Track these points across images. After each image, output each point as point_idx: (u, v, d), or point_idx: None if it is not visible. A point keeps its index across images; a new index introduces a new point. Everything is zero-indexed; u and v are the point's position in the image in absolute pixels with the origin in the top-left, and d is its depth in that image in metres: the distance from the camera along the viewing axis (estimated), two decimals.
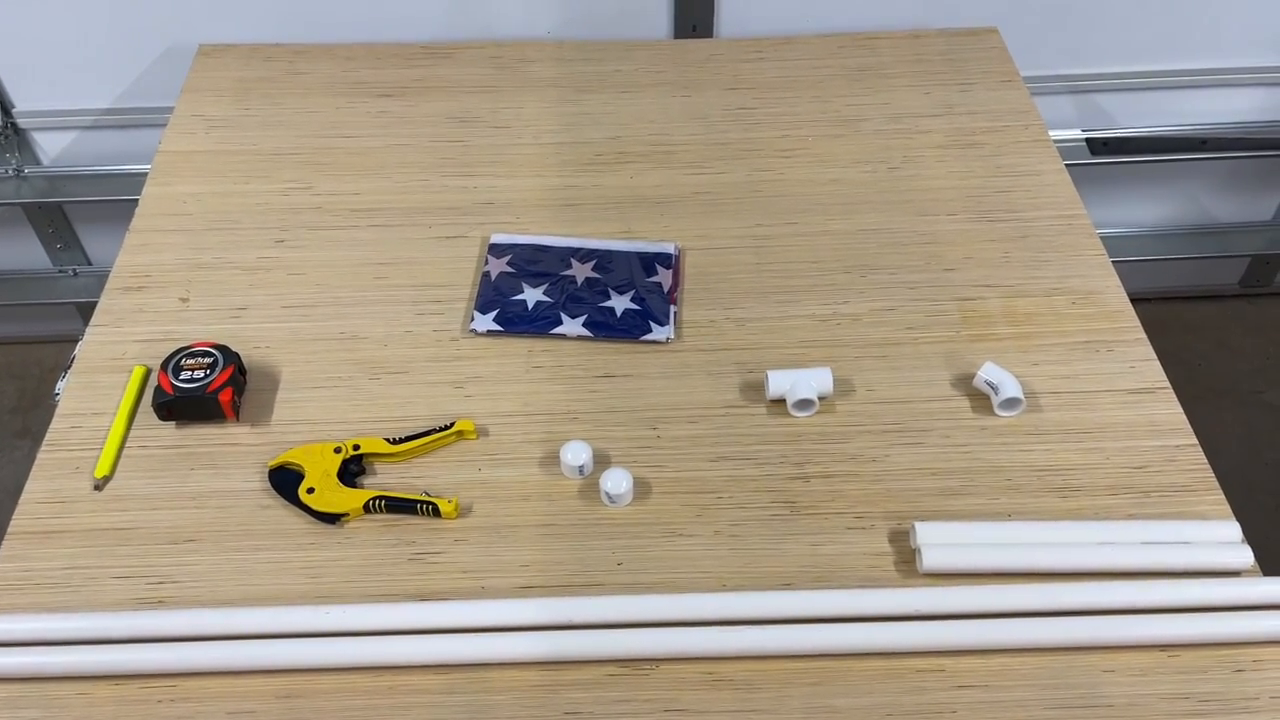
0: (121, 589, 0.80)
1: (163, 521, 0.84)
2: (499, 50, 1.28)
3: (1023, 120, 1.19)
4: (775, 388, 0.91)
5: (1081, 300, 1.00)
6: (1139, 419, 0.91)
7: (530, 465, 0.88)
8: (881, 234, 1.07)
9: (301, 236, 1.06)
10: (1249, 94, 1.53)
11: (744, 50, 1.29)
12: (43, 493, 0.86)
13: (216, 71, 1.25)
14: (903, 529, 0.84)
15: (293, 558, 0.82)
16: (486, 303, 0.99)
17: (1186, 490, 0.86)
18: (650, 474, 0.87)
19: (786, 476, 0.87)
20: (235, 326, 0.98)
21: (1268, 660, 0.76)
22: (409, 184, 1.12)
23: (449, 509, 0.84)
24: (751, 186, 1.12)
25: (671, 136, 1.17)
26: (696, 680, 0.76)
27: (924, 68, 1.26)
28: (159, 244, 1.05)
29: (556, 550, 0.83)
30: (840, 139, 1.17)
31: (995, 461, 0.88)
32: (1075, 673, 0.76)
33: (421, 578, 0.81)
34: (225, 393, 0.89)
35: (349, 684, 0.75)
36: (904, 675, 0.76)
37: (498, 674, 0.76)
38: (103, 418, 0.91)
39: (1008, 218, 1.08)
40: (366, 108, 1.20)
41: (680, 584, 0.81)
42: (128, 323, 0.98)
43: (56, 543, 0.83)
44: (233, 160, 1.14)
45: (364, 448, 0.88)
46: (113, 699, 0.74)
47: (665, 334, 0.97)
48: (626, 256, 1.04)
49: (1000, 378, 0.91)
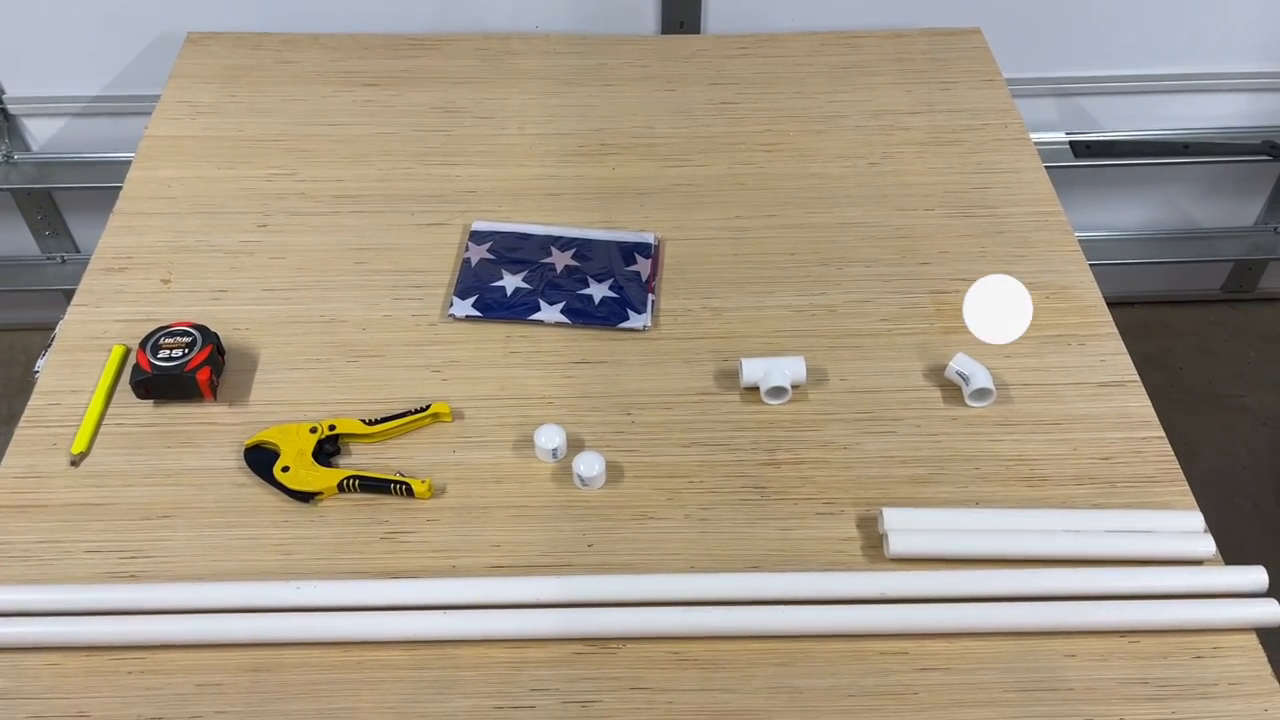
0: (94, 563, 0.81)
1: (138, 498, 0.85)
2: (486, 43, 1.29)
3: (1003, 119, 1.20)
4: (749, 375, 0.92)
5: (1055, 295, 1.01)
6: (1108, 411, 0.92)
7: (504, 448, 0.89)
8: (859, 228, 1.08)
9: (284, 221, 1.07)
10: (1232, 99, 1.55)
11: (729, 46, 1.30)
12: (19, 468, 0.87)
13: (204, 59, 1.26)
14: (871, 515, 0.85)
15: (266, 534, 0.83)
16: (466, 288, 1.00)
17: (1152, 481, 0.87)
18: (623, 458, 0.88)
19: (758, 462, 0.88)
20: (216, 308, 0.99)
21: (1227, 647, 0.77)
22: (392, 172, 1.13)
23: (422, 489, 0.85)
24: (732, 179, 1.13)
25: (655, 129, 1.18)
26: (662, 659, 0.76)
27: (906, 66, 1.27)
28: (142, 226, 1.06)
29: (528, 531, 0.83)
30: (821, 134, 1.18)
31: (965, 451, 0.89)
32: (1036, 656, 0.77)
33: (393, 556, 0.82)
34: (203, 372, 0.90)
35: (318, 658, 0.76)
36: (868, 657, 0.77)
37: (466, 651, 0.77)
38: (81, 395, 0.91)
39: (985, 214, 1.09)
40: (352, 96, 1.21)
41: (650, 566, 0.81)
42: (109, 303, 0.99)
43: (31, 517, 0.84)
44: (218, 146, 1.15)
45: (340, 428, 0.88)
46: (83, 670, 0.75)
47: (642, 322, 0.98)
48: (606, 246, 1.05)
49: (971, 369, 0.92)
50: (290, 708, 0.73)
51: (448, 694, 0.74)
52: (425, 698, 0.74)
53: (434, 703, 0.74)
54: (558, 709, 0.74)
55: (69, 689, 0.74)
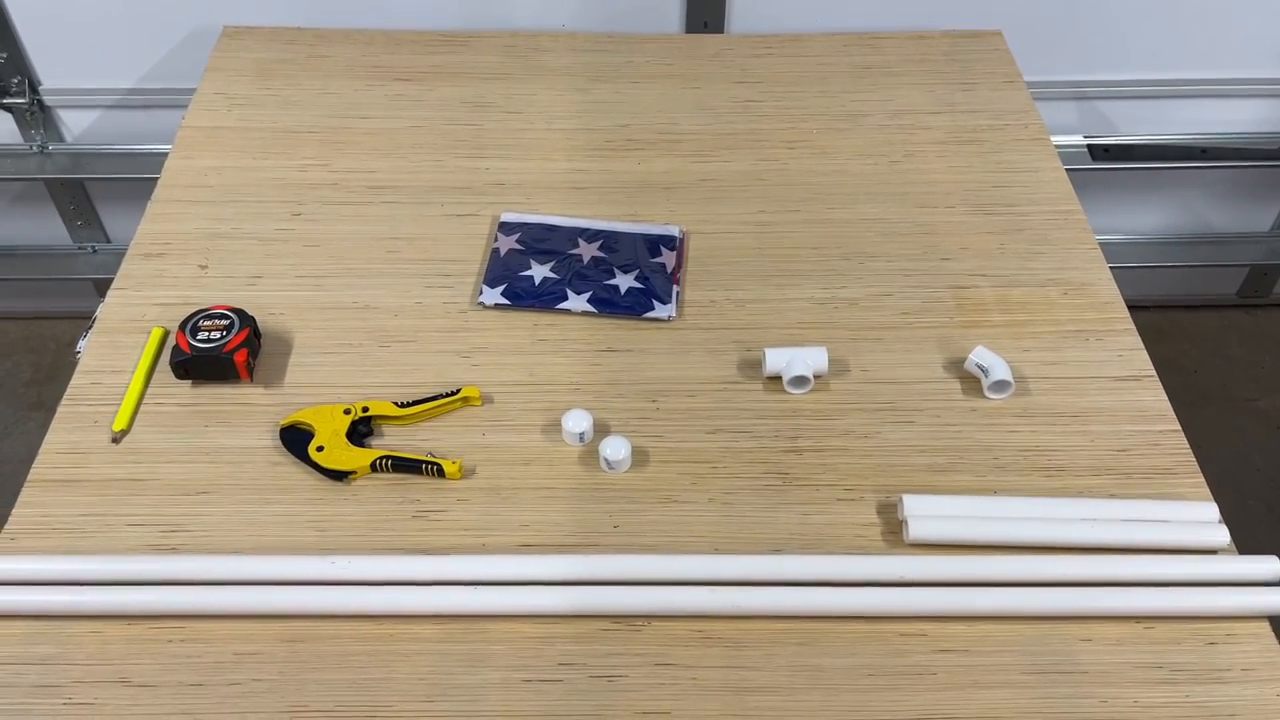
0: (135, 535, 0.83)
1: (177, 474, 0.87)
2: (514, 40, 1.32)
3: (1023, 120, 1.22)
4: (772, 364, 0.94)
5: (1074, 291, 1.03)
6: (1124, 405, 0.94)
7: (533, 432, 0.91)
8: (881, 224, 1.10)
9: (317, 211, 1.09)
10: (1249, 105, 1.56)
11: (753, 46, 1.32)
12: (62, 444, 0.89)
13: (240, 52, 1.28)
14: (891, 502, 0.86)
15: (301, 511, 0.85)
16: (495, 277, 1.02)
17: (1167, 473, 0.89)
18: (649, 444, 0.90)
19: (780, 449, 0.90)
20: (251, 293, 1.01)
21: (1240, 634, 0.79)
22: (423, 164, 1.15)
23: (453, 470, 0.87)
24: (756, 175, 1.15)
25: (679, 126, 1.21)
26: (687, 637, 0.78)
27: (928, 67, 1.29)
28: (180, 214, 1.09)
29: (555, 512, 0.86)
30: (844, 133, 1.20)
31: (983, 441, 0.91)
32: (1053, 640, 0.78)
33: (424, 534, 0.84)
34: (240, 354, 0.92)
35: (351, 630, 0.78)
36: (887, 638, 0.78)
37: (495, 625, 0.79)
38: (122, 375, 0.94)
39: (1004, 211, 1.11)
40: (384, 91, 1.24)
41: (674, 547, 0.83)
42: (148, 287, 1.02)
43: (74, 491, 0.86)
44: (253, 137, 1.17)
45: (373, 410, 0.91)
46: (124, 638, 0.77)
47: (667, 312, 1.00)
48: (632, 238, 1.07)
49: (991, 361, 0.94)
50: (325, 677, 0.76)
51: (477, 667, 0.76)
52: (456, 670, 0.76)
53: (464, 675, 0.76)
54: (584, 683, 0.76)
55: (111, 656, 0.77)
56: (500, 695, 0.75)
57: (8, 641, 0.77)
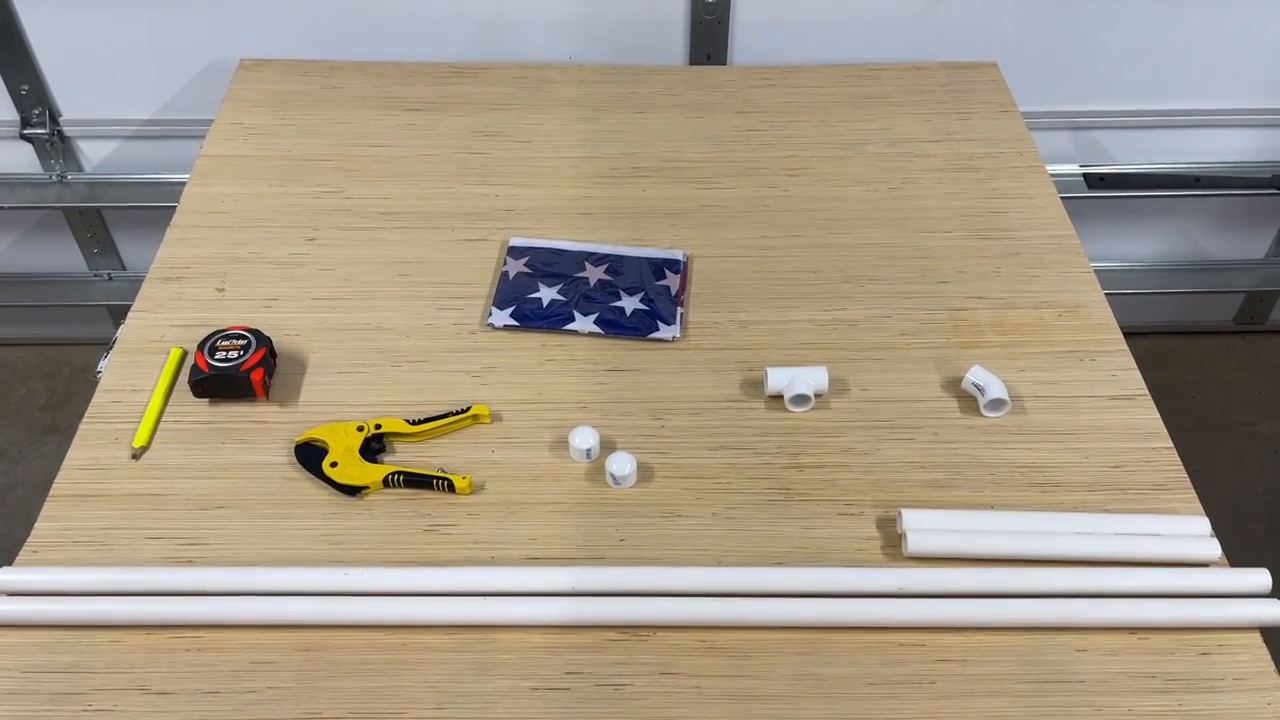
0: (155, 548, 0.86)
1: (195, 489, 0.90)
2: (523, 71, 1.35)
3: (1018, 148, 1.25)
4: (774, 383, 0.96)
5: (1068, 313, 1.06)
6: (1118, 423, 0.96)
7: (540, 449, 0.93)
8: (880, 248, 1.12)
9: (331, 236, 1.13)
10: (1242, 134, 1.60)
11: (755, 77, 1.36)
12: (84, 460, 0.92)
13: (256, 84, 1.32)
14: (890, 516, 0.88)
15: (315, 525, 0.87)
16: (504, 300, 1.05)
17: (1160, 488, 0.91)
18: (653, 460, 0.93)
19: (782, 466, 0.92)
20: (267, 315, 1.04)
21: (1232, 645, 0.80)
22: (434, 191, 1.18)
23: (463, 485, 0.89)
24: (758, 201, 1.18)
25: (683, 154, 1.24)
26: (691, 647, 0.80)
27: (925, 97, 1.32)
28: (198, 239, 1.12)
29: (562, 526, 0.88)
30: (843, 160, 1.23)
31: (980, 457, 0.93)
32: (1049, 651, 0.80)
33: (435, 547, 0.86)
34: (257, 373, 0.95)
35: (364, 640, 0.80)
36: (886, 648, 0.80)
37: (504, 635, 0.81)
38: (141, 394, 0.97)
39: (1000, 236, 1.14)
40: (396, 120, 1.27)
41: (679, 560, 0.86)
42: (166, 309, 1.05)
43: (96, 505, 0.88)
44: (269, 164, 1.21)
45: (385, 427, 0.93)
46: (143, 647, 0.80)
47: (672, 333, 1.03)
48: (637, 261, 1.10)
49: (987, 380, 0.96)
50: (338, 685, 0.78)
51: (486, 675, 0.78)
52: (465, 678, 0.78)
53: (473, 683, 0.78)
54: (591, 691, 0.78)
55: (130, 664, 0.79)
56: (509, 703, 0.77)
57: (31, 650, 0.79)
